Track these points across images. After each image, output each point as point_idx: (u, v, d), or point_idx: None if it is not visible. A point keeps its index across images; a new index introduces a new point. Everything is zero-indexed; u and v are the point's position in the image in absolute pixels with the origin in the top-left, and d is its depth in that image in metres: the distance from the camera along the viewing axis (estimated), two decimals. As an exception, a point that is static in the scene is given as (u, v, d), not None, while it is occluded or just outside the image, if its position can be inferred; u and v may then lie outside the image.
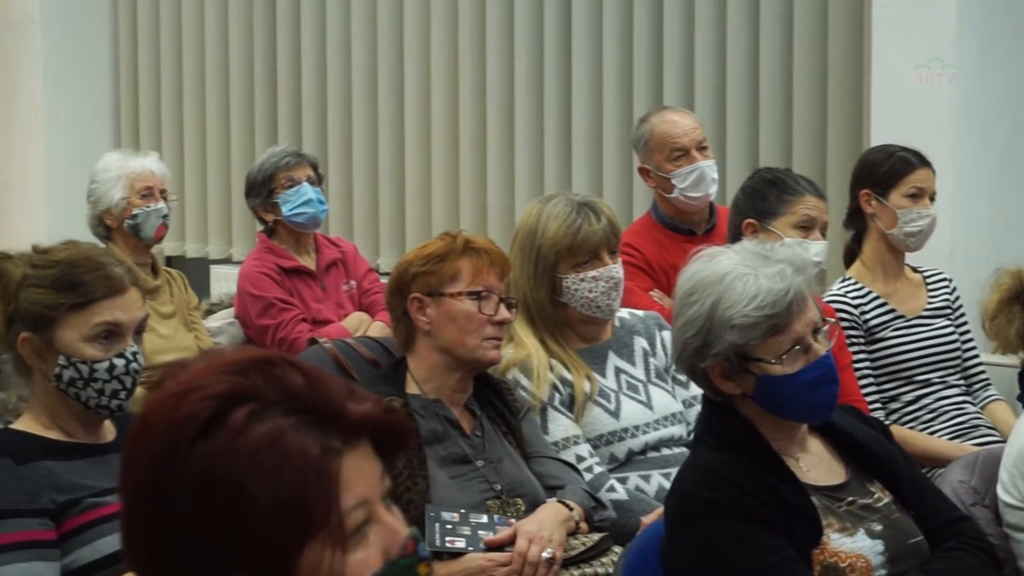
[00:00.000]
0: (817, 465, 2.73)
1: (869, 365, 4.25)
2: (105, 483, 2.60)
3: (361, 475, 1.38)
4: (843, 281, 4.36)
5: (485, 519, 3.19)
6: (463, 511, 3.17)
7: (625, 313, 3.80)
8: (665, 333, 3.75)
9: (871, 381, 4.24)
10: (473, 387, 3.42)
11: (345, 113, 6.80)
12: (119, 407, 2.68)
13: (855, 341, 4.23)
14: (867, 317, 4.28)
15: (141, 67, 7.49)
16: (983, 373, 4.43)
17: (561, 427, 3.55)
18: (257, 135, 7.07)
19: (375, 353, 3.94)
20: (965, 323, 4.42)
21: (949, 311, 4.41)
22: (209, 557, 1.34)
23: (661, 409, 3.66)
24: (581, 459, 3.50)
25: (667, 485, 3.34)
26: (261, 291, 5.04)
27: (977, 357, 4.43)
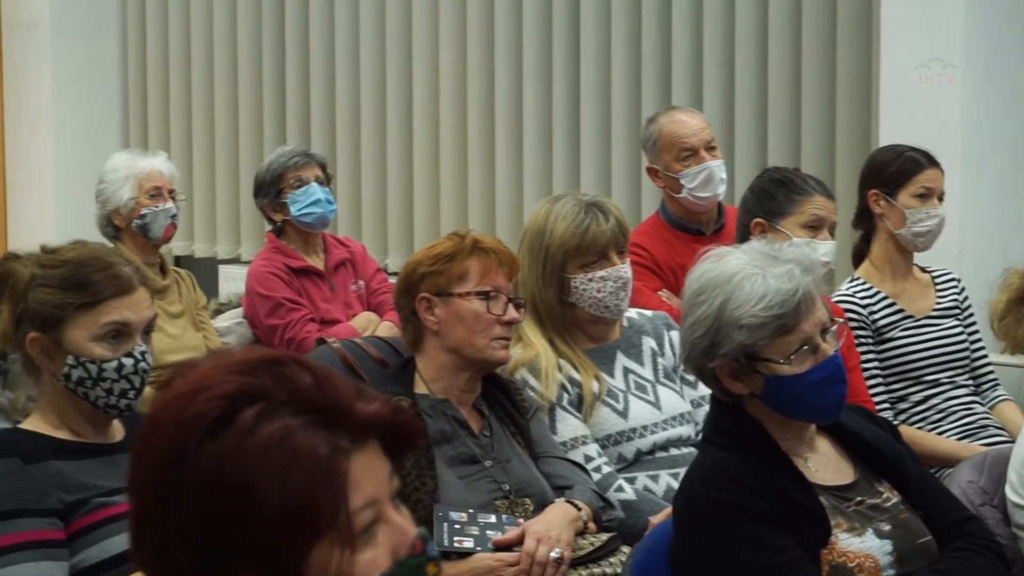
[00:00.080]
0: (825, 465, 2.73)
1: (878, 365, 4.25)
2: (114, 483, 2.60)
3: (370, 475, 1.38)
4: (852, 281, 4.36)
5: (493, 519, 3.19)
6: (471, 511, 3.17)
7: (633, 313, 3.80)
8: (673, 333, 3.74)
9: (879, 381, 4.23)
10: (481, 387, 3.42)
11: (354, 113, 6.80)
12: (128, 407, 2.68)
13: (864, 341, 4.23)
14: (876, 317, 4.27)
15: (150, 67, 7.49)
16: (992, 373, 4.42)
17: (569, 427, 3.54)
18: (266, 135, 7.07)
19: (383, 353, 3.93)
20: (974, 323, 4.41)
21: (958, 311, 4.41)
22: (218, 557, 1.34)
23: (669, 409, 3.65)
24: (589, 459, 3.50)
25: (675, 485, 3.33)
26: (270, 291, 5.04)
27: (986, 357, 4.42)
